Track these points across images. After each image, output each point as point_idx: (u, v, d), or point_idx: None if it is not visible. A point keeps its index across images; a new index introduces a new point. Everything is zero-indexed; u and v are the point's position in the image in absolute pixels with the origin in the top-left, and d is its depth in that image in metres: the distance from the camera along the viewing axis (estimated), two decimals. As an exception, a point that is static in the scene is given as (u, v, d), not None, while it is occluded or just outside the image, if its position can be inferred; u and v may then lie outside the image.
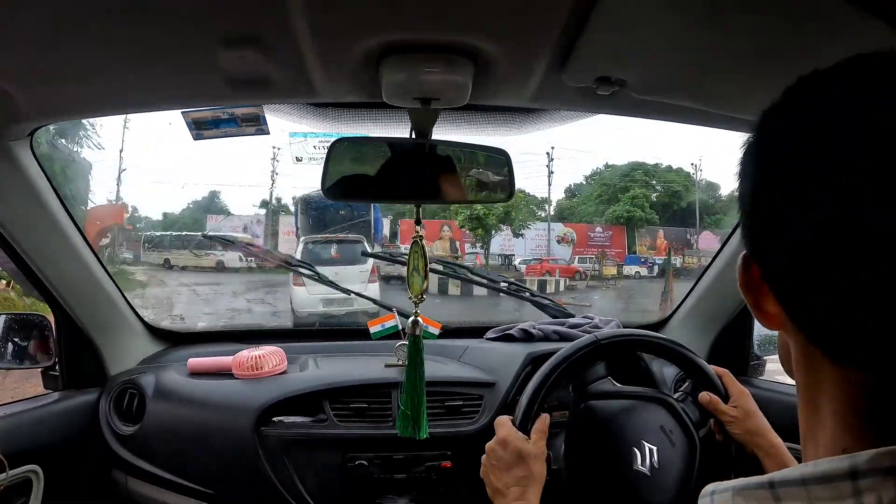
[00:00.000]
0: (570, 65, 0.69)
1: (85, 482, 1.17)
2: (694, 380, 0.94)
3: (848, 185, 0.29)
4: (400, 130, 0.90)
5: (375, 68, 0.69)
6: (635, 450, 0.84)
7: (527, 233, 19.00)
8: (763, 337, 1.40)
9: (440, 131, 0.87)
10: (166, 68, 0.71)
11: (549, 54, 0.67)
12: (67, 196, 1.06)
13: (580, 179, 24.68)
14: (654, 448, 0.84)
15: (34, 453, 1.05)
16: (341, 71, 0.71)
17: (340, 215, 9.34)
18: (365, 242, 8.38)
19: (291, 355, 1.29)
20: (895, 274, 0.28)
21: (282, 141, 17.88)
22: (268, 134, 0.93)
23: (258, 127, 0.92)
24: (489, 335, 1.43)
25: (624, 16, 0.59)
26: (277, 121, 0.96)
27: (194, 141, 0.92)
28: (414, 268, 0.94)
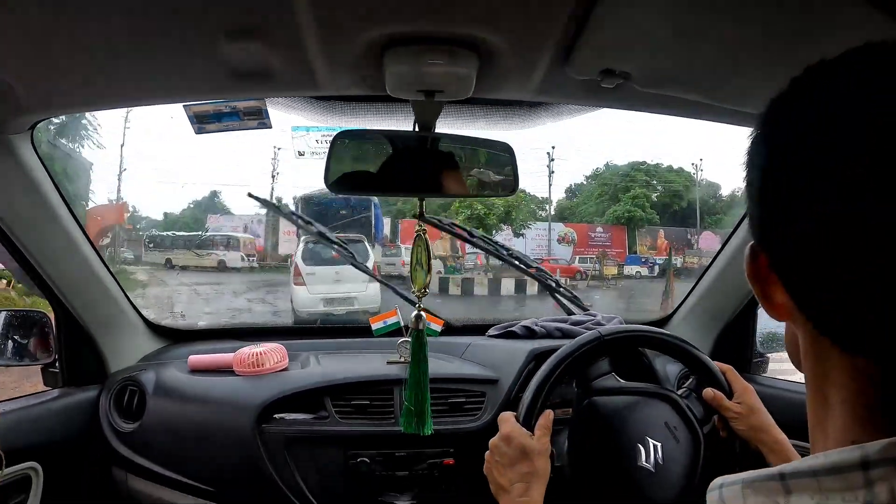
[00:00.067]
0: (575, 57, 0.69)
1: (84, 480, 1.17)
2: (698, 376, 0.93)
3: (851, 179, 0.29)
4: (403, 124, 0.90)
5: (379, 60, 0.69)
6: (639, 446, 0.83)
7: (527, 233, 18.96)
8: (766, 335, 1.40)
9: (443, 125, 0.87)
10: (168, 60, 0.70)
11: (554, 46, 0.67)
12: (68, 195, 1.05)
13: (581, 179, 24.67)
14: (659, 444, 0.84)
15: (33, 450, 1.04)
16: (344, 63, 0.70)
17: (341, 215, 9.33)
18: (366, 242, 8.37)
19: (293, 352, 1.29)
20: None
21: (282, 141, 17.90)
22: (270, 128, 0.92)
23: (260, 120, 0.91)
24: (491, 332, 1.43)
25: (628, 7, 0.59)
26: (279, 118, 0.96)
27: (196, 135, 0.92)
28: (417, 261, 0.93)
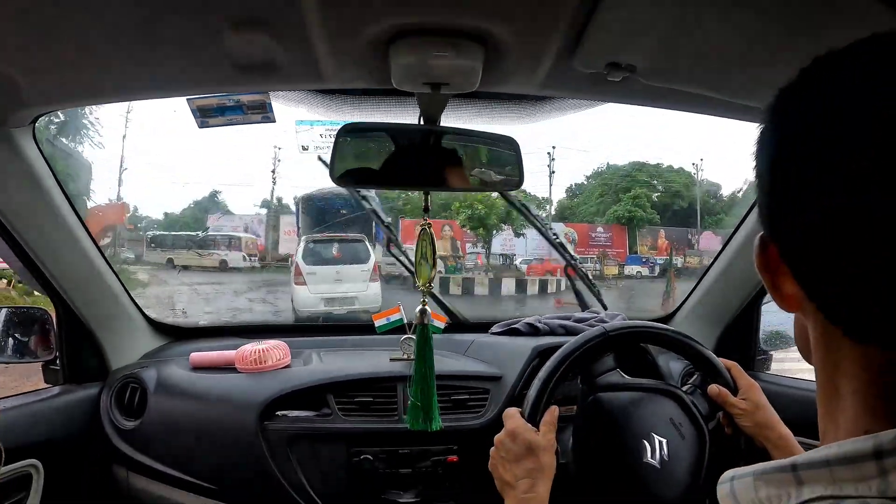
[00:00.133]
0: (581, 50, 0.68)
1: (85, 477, 1.16)
2: (702, 372, 0.93)
3: (857, 172, 0.29)
4: (408, 117, 0.89)
5: (384, 53, 0.68)
6: (645, 442, 0.83)
7: (528, 232, 18.95)
8: (769, 332, 1.40)
9: (448, 119, 0.86)
10: (172, 52, 0.70)
11: (560, 39, 0.66)
12: (69, 191, 1.05)
13: (581, 179, 24.67)
14: (664, 440, 0.83)
15: (34, 448, 1.03)
16: (350, 55, 0.70)
17: (342, 214, 9.32)
18: (367, 241, 8.36)
19: (295, 350, 1.28)
20: None
21: (282, 141, 17.89)
22: (273, 122, 0.92)
23: (264, 114, 0.91)
24: (494, 329, 1.42)
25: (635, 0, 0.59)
26: (283, 111, 0.96)
27: (199, 129, 0.91)
28: (422, 255, 0.92)
